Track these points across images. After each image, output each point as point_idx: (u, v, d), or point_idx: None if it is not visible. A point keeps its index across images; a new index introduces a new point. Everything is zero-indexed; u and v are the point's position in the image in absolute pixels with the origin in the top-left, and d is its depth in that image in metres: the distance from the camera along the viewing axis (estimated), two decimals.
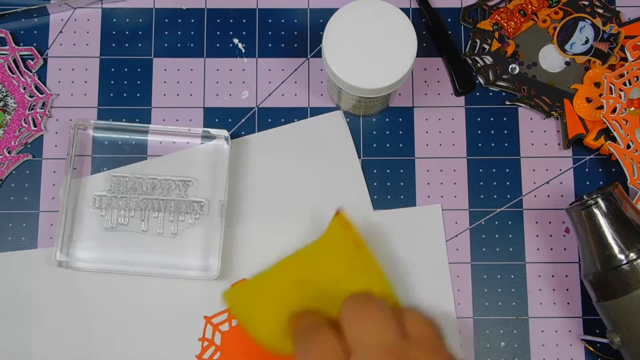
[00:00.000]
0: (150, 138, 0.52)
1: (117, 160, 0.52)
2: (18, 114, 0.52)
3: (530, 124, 0.53)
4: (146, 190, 0.51)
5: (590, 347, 0.50)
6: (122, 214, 0.50)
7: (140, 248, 0.50)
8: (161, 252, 0.50)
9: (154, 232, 0.50)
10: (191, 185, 0.51)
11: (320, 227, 0.50)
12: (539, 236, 0.52)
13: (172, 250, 0.50)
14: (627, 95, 0.51)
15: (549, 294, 0.51)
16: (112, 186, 0.51)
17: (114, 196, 0.50)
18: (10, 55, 0.53)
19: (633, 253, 0.44)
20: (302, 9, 0.54)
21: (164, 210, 0.50)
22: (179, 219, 0.50)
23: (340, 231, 0.43)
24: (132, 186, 0.51)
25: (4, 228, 0.51)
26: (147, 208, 0.50)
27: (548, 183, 0.52)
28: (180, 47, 0.54)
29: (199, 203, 0.50)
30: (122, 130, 0.52)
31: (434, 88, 0.53)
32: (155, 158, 0.52)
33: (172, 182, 0.51)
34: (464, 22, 0.54)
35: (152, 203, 0.50)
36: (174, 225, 0.50)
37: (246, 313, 0.43)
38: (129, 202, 0.50)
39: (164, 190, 0.50)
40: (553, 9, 0.53)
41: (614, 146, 0.50)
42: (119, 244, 0.50)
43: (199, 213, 0.50)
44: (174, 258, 0.50)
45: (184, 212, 0.50)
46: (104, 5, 0.54)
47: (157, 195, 0.50)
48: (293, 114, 0.53)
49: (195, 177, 0.51)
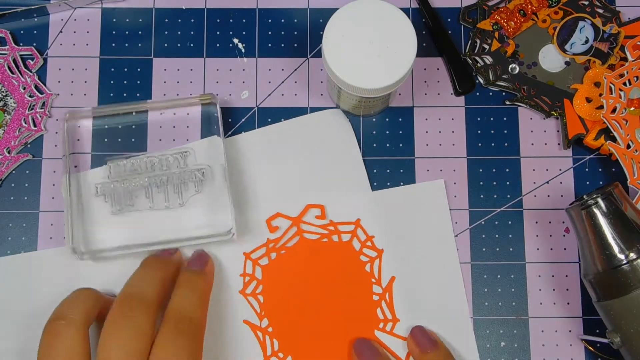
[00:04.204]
0: (150, 117, 0.52)
1: (116, 149, 0.52)
2: (18, 113, 0.52)
3: (530, 124, 0.53)
4: (146, 170, 0.51)
5: (590, 347, 0.50)
6: (126, 196, 0.50)
7: (151, 224, 0.50)
8: (171, 223, 0.50)
9: (161, 206, 0.50)
10: (189, 155, 0.51)
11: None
12: (539, 236, 0.52)
13: (182, 220, 0.50)
14: (627, 95, 0.51)
15: (549, 294, 0.51)
16: (110, 172, 0.51)
17: (114, 182, 0.51)
18: (10, 55, 0.53)
19: (633, 253, 0.44)
20: (302, 9, 0.54)
21: (167, 184, 0.51)
22: (182, 190, 0.51)
23: None
24: (131, 168, 0.51)
25: (4, 228, 0.51)
26: (150, 185, 0.51)
27: (548, 183, 0.52)
28: (180, 47, 0.54)
29: (200, 170, 0.51)
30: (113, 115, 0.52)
31: (434, 88, 0.53)
32: (148, 139, 0.52)
33: (169, 156, 0.51)
34: (464, 22, 0.54)
35: (154, 180, 0.50)
36: (179, 197, 0.50)
37: None
38: (130, 184, 0.50)
39: (163, 166, 0.51)
40: (553, 8, 0.53)
41: (614, 146, 0.50)
42: (129, 224, 0.50)
43: (201, 180, 0.51)
44: (185, 227, 0.50)
45: (187, 182, 0.51)
46: (104, 5, 0.54)
47: (157, 171, 0.51)
48: (293, 114, 0.53)
49: (191, 147, 0.51)
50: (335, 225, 0.51)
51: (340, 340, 0.50)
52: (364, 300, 0.50)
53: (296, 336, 0.50)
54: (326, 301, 0.50)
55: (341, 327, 0.50)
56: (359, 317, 0.50)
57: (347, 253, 0.51)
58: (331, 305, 0.50)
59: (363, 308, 0.50)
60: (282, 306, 0.50)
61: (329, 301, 0.50)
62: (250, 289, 0.50)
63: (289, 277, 0.50)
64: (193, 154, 0.51)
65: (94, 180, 0.51)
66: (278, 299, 0.50)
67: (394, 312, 0.50)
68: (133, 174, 0.51)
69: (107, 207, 0.50)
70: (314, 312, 0.50)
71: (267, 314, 0.50)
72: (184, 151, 0.51)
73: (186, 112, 0.52)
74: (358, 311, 0.50)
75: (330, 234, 0.51)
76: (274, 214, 0.51)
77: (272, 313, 0.50)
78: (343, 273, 0.50)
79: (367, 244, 0.51)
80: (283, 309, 0.50)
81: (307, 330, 0.50)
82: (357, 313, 0.50)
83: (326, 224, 0.51)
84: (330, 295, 0.50)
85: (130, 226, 0.50)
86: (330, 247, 0.51)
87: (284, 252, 0.51)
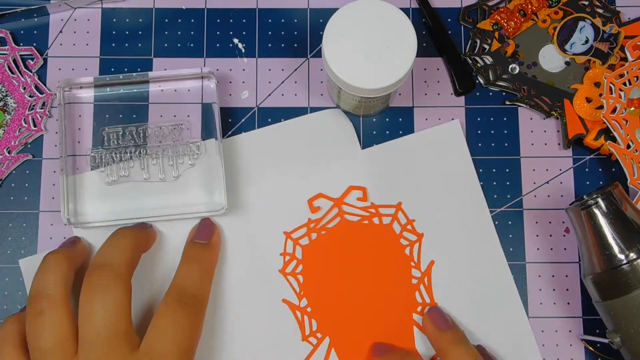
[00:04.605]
0: (151, 91, 0.52)
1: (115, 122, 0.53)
2: (18, 113, 0.52)
3: (530, 124, 0.53)
4: (141, 140, 0.51)
5: (590, 347, 0.50)
6: (122, 165, 0.51)
7: (145, 196, 0.51)
8: (166, 196, 0.51)
9: (155, 178, 0.51)
10: (184, 129, 0.52)
11: None
12: (539, 236, 0.52)
13: (177, 192, 0.51)
14: (627, 95, 0.51)
15: (549, 294, 0.51)
16: (105, 142, 0.51)
17: (109, 152, 0.51)
18: (10, 55, 0.53)
19: (633, 253, 0.44)
20: (302, 9, 0.54)
21: (162, 156, 0.51)
22: (178, 163, 0.51)
23: None
24: (127, 137, 0.51)
25: (4, 228, 0.51)
26: (145, 156, 0.51)
27: (548, 183, 0.52)
28: (180, 47, 0.54)
29: (195, 144, 0.51)
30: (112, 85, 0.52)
31: (434, 88, 0.53)
32: (144, 108, 0.52)
33: (165, 127, 0.51)
34: (464, 22, 0.54)
35: (149, 150, 0.51)
36: (174, 169, 0.51)
37: None
38: (125, 154, 0.51)
39: (158, 137, 0.51)
40: (553, 9, 0.53)
41: (614, 146, 0.50)
42: (124, 195, 0.51)
43: (196, 154, 0.51)
44: (180, 199, 0.51)
45: (182, 155, 0.51)
46: (104, 5, 0.54)
47: (152, 142, 0.51)
48: (293, 114, 0.53)
49: (187, 120, 0.52)
50: (376, 208, 0.51)
51: (378, 322, 0.50)
52: (403, 284, 0.50)
53: (334, 317, 0.50)
54: (365, 283, 0.50)
55: (379, 309, 0.50)
56: (397, 300, 0.50)
57: (387, 236, 0.51)
58: (370, 287, 0.50)
59: (402, 291, 0.50)
60: (321, 287, 0.50)
61: (368, 283, 0.50)
62: (290, 269, 0.51)
63: (328, 258, 0.51)
64: (188, 126, 0.52)
65: (89, 149, 0.52)
66: (317, 280, 0.50)
67: (432, 296, 0.50)
68: (128, 144, 0.51)
69: (102, 176, 0.51)
70: (352, 293, 0.50)
71: (306, 294, 0.50)
72: (180, 124, 0.52)
73: (187, 89, 0.52)
74: (396, 294, 0.50)
75: (371, 216, 0.51)
76: (316, 194, 0.51)
77: (311, 293, 0.50)
78: (382, 256, 0.51)
79: (408, 227, 0.51)
80: (322, 289, 0.50)
81: (345, 311, 0.50)
82: (396, 296, 0.50)
83: (367, 206, 0.51)
84: (369, 278, 0.50)
85: (124, 196, 0.51)
86: (370, 229, 0.51)
87: (324, 232, 0.51)
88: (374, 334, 0.50)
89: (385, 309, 0.50)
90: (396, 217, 0.51)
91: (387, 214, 0.51)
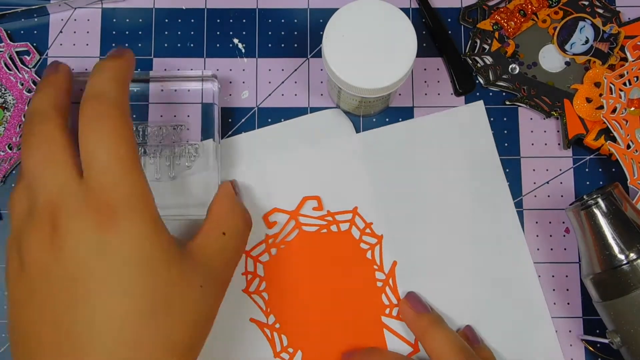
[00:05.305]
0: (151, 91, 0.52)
1: None
2: (17, 110, 0.52)
3: (530, 124, 0.53)
4: (140, 139, 0.51)
5: (590, 347, 0.50)
6: None
7: None
8: (161, 196, 0.50)
9: (151, 178, 0.50)
10: (183, 130, 0.51)
11: None
12: (539, 236, 0.52)
13: (172, 193, 0.50)
14: (627, 95, 0.51)
15: (549, 294, 0.51)
16: None
17: None
18: (5, 52, 0.53)
19: (633, 253, 0.44)
20: (302, 9, 0.54)
21: (160, 156, 0.51)
22: (175, 163, 0.51)
23: None
24: None
25: (4, 228, 0.51)
26: (142, 155, 0.51)
27: (548, 183, 0.52)
28: (180, 47, 0.54)
29: (193, 146, 0.51)
30: None
31: (434, 88, 0.53)
32: (144, 108, 0.52)
33: (163, 128, 0.51)
34: (464, 22, 0.54)
35: (148, 150, 0.51)
36: (170, 170, 0.50)
37: None
38: None
39: (157, 137, 0.51)
40: (553, 9, 0.53)
41: (614, 146, 0.50)
42: None
43: (194, 156, 0.51)
44: (175, 201, 0.50)
45: (179, 156, 0.51)
46: (104, 5, 0.54)
47: (150, 142, 0.51)
48: (293, 114, 0.53)
49: (187, 121, 0.52)
50: (332, 215, 0.51)
51: (348, 329, 0.50)
52: (368, 288, 0.50)
53: (304, 330, 0.50)
54: (331, 292, 0.50)
55: (348, 316, 0.50)
56: (364, 305, 0.50)
57: (347, 242, 0.51)
58: (336, 295, 0.50)
59: (368, 295, 0.50)
60: (287, 301, 0.50)
61: (334, 292, 0.50)
62: (253, 287, 0.50)
63: (291, 272, 0.50)
64: (188, 127, 0.51)
65: None
66: (283, 295, 0.50)
67: (398, 296, 0.50)
68: None
69: None
70: (319, 304, 0.50)
71: (273, 311, 0.50)
72: (180, 125, 0.51)
73: (187, 89, 0.52)
74: (363, 299, 0.50)
75: (328, 224, 0.51)
76: (271, 210, 0.51)
77: (278, 309, 0.50)
78: (345, 262, 0.51)
79: (367, 231, 0.51)
80: (288, 304, 0.50)
81: (314, 323, 0.50)
82: (363, 301, 0.50)
83: (324, 214, 0.51)
84: (334, 286, 0.50)
85: None
86: (329, 237, 0.51)
87: (283, 246, 0.51)
88: (345, 342, 0.50)
89: (354, 315, 0.50)
90: (354, 222, 0.51)
91: (344, 220, 0.51)
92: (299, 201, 0.51)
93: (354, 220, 0.51)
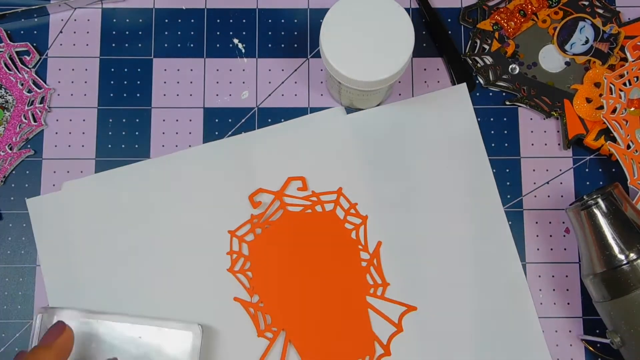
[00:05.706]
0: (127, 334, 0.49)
1: None
2: (17, 110, 0.52)
3: (530, 124, 0.53)
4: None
5: (590, 347, 0.50)
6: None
7: None
8: None
9: None
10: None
11: None
12: (539, 236, 0.52)
13: None
14: (627, 96, 0.51)
15: (549, 294, 0.51)
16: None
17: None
18: (5, 52, 0.53)
19: (633, 253, 0.44)
20: (302, 9, 0.54)
21: None
22: None
23: None
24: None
25: (3, 228, 0.51)
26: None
27: (548, 183, 0.52)
28: (180, 47, 0.54)
29: None
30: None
31: (434, 88, 0.53)
32: None
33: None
34: (464, 22, 0.54)
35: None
36: None
37: None
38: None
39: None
40: (553, 9, 0.53)
41: (614, 146, 0.50)
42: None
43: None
44: None
45: None
46: (104, 5, 0.54)
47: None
48: (293, 114, 0.53)
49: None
50: (317, 196, 0.51)
51: (332, 309, 0.50)
52: (353, 268, 0.50)
53: (288, 309, 0.50)
54: (315, 272, 0.50)
55: (332, 296, 0.50)
56: (349, 285, 0.50)
57: (332, 222, 0.51)
58: (320, 275, 0.50)
59: (352, 275, 0.50)
60: (271, 281, 0.50)
61: (318, 272, 0.50)
62: (238, 266, 0.51)
63: (276, 251, 0.51)
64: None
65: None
66: (267, 274, 0.50)
67: (383, 276, 0.50)
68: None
69: None
70: (303, 284, 0.50)
71: (257, 290, 0.50)
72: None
73: (168, 342, 0.49)
74: (347, 279, 0.50)
75: (313, 204, 0.51)
76: (256, 190, 0.51)
77: (262, 288, 0.50)
78: (329, 242, 0.51)
79: (351, 211, 0.51)
80: (273, 283, 0.50)
81: (299, 302, 0.50)
82: (347, 281, 0.50)
83: (308, 195, 0.51)
84: (318, 266, 0.50)
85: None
86: (314, 217, 0.51)
87: (268, 226, 0.51)
88: (329, 322, 0.50)
89: (338, 295, 0.50)
90: (338, 203, 0.51)
91: (328, 201, 0.51)
92: (283, 181, 0.51)
93: (338, 200, 0.51)
